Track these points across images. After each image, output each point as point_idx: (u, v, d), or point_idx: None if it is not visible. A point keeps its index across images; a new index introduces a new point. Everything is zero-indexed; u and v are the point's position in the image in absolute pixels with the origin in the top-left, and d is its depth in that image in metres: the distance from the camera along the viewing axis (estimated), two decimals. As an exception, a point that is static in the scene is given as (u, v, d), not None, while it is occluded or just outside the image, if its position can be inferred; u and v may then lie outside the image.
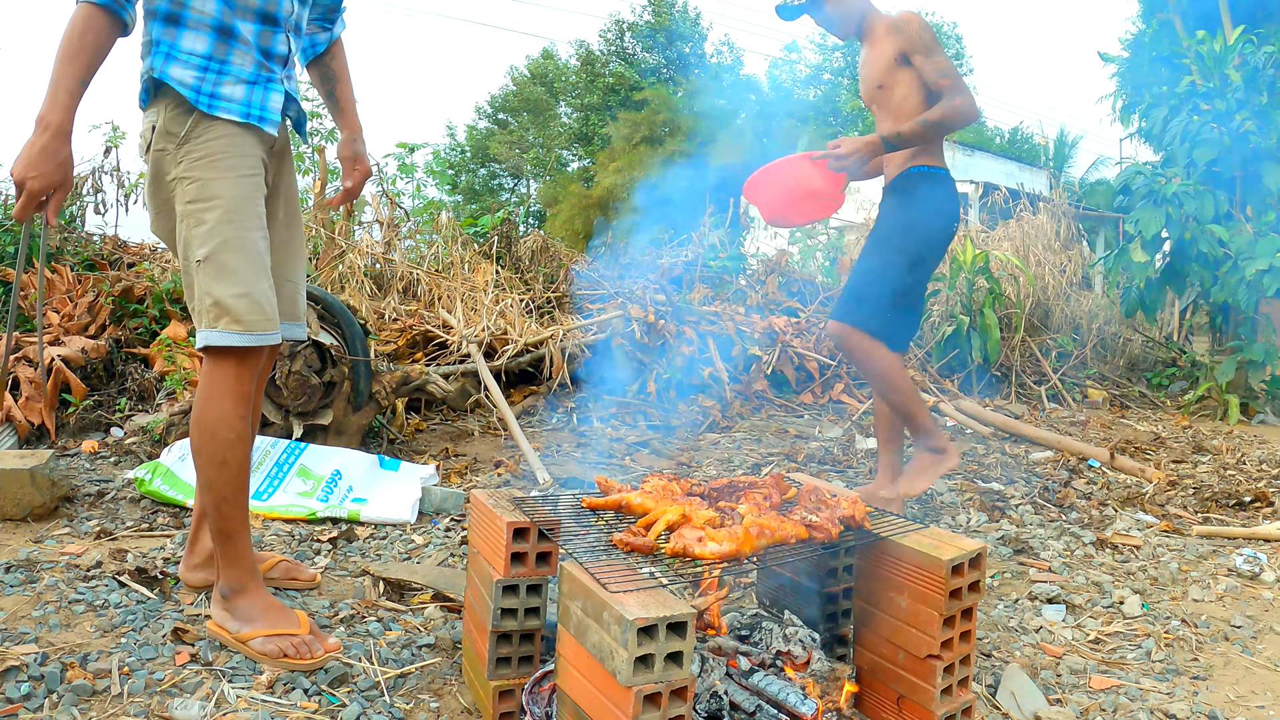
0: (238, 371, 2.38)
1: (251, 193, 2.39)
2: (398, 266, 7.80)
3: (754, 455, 5.58)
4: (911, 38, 3.71)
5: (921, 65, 3.72)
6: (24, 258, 3.34)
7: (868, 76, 3.88)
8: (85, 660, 2.33)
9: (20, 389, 5.13)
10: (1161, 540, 4.05)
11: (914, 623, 2.11)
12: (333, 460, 4.17)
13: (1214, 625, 3.09)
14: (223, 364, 2.37)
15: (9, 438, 4.83)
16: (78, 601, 2.72)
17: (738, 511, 2.04)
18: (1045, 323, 10.28)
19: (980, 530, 4.06)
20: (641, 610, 1.61)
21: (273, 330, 2.39)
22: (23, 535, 3.43)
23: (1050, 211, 11.77)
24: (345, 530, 3.64)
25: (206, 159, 2.33)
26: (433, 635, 2.66)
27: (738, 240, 11.30)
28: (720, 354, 7.52)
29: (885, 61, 3.78)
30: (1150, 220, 8.82)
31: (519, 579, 2.13)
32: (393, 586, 3.04)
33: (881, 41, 3.80)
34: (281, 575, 2.92)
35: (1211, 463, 5.89)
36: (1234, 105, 9.01)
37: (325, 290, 5.47)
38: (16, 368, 5.31)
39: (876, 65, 3.82)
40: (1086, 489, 4.98)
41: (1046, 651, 2.83)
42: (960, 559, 2.06)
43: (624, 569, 1.82)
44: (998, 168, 23.13)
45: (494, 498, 2.32)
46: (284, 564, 2.95)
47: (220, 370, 2.37)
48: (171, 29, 2.33)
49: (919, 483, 3.75)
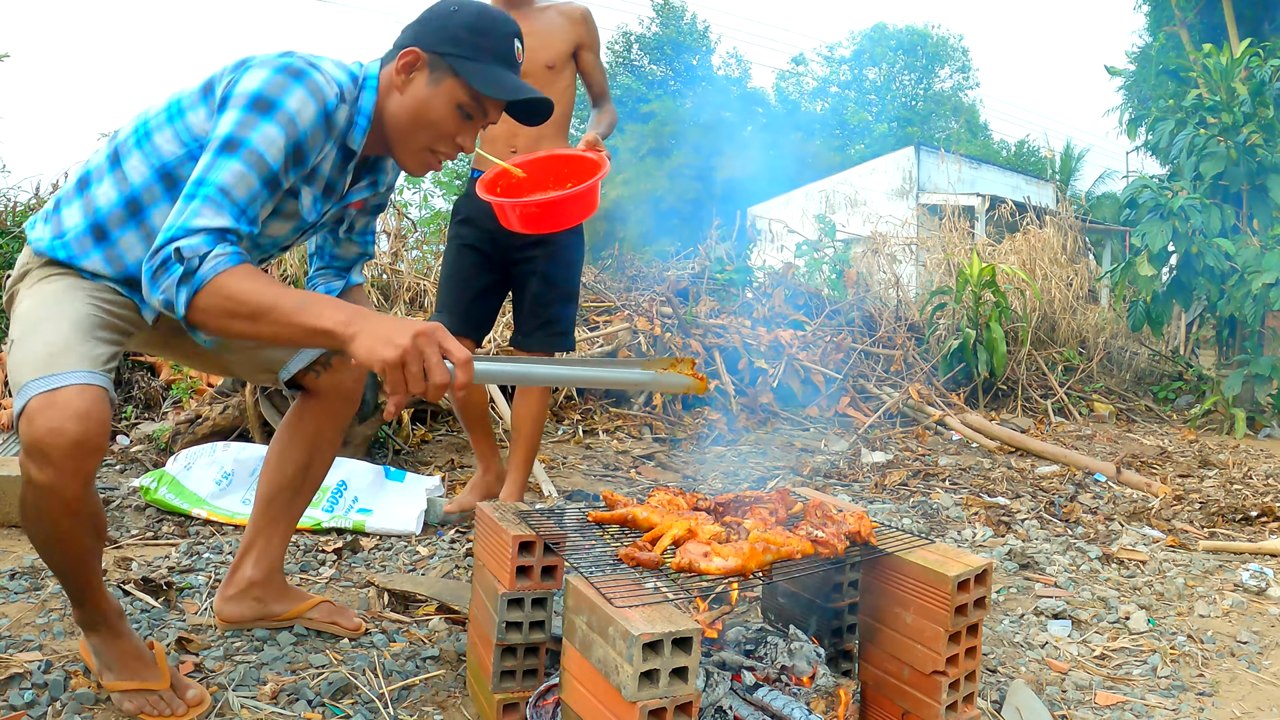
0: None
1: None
2: (404, 277, 7.81)
3: (760, 468, 5.58)
4: (593, 34, 3.72)
5: (593, 65, 3.74)
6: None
7: (540, 52, 3.60)
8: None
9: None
10: (1167, 555, 4.04)
11: (919, 638, 2.11)
12: (338, 470, 4.17)
13: (1220, 641, 3.08)
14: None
15: (15, 445, 4.84)
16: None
17: (743, 527, 2.04)
18: (1051, 336, 10.29)
19: (986, 545, 4.05)
20: (647, 625, 1.61)
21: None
22: (27, 542, 3.43)
23: (1057, 225, 11.79)
24: (350, 541, 3.64)
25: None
26: (437, 647, 2.66)
27: (744, 253, 11.31)
28: (726, 367, 7.53)
29: (564, 45, 3.66)
30: (1157, 234, 8.82)
31: (524, 593, 2.13)
32: (397, 598, 3.04)
33: (558, 21, 3.67)
34: (321, 617, 2.73)
35: (1218, 477, 5.88)
36: (1240, 119, 9.00)
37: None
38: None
39: (553, 45, 3.64)
40: (1092, 504, 4.97)
41: (1052, 667, 2.82)
42: (966, 575, 2.06)
43: (630, 584, 1.82)
44: (1004, 181, 23.09)
45: (499, 511, 2.32)
46: (325, 605, 2.75)
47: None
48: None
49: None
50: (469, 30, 2.12)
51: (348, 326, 1.77)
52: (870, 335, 9.26)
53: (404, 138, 2.19)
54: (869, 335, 9.25)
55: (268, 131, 1.95)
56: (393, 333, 1.75)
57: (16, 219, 7.06)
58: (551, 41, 3.64)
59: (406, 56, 2.12)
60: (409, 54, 2.12)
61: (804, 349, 8.21)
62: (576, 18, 3.70)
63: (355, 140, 2.19)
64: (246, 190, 1.92)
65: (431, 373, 1.75)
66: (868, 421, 7.29)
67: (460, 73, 2.10)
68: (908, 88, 50.42)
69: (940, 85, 50.68)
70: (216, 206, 1.87)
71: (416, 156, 2.22)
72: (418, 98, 2.13)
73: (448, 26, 2.13)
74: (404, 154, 2.23)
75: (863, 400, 8.09)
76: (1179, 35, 13.91)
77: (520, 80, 2.20)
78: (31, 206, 7.59)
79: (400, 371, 1.74)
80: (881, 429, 7.26)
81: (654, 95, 39.24)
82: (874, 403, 8.06)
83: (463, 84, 2.11)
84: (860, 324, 9.38)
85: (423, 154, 2.21)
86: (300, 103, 2.00)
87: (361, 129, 2.18)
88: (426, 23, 2.16)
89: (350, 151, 2.22)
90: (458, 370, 1.77)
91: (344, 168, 2.25)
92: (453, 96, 2.12)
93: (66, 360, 1.88)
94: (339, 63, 2.19)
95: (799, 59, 51.77)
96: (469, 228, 3.78)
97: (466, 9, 2.15)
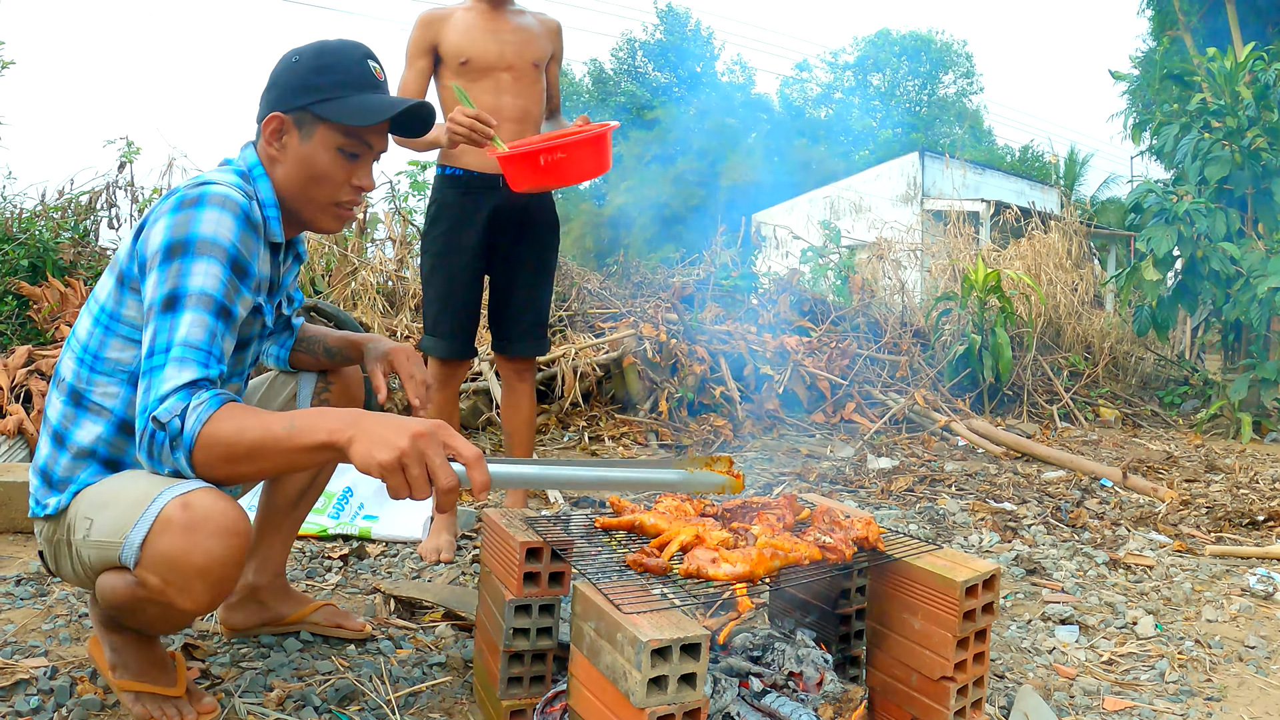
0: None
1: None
2: (410, 284, 7.83)
3: (766, 475, 5.58)
4: (561, 48, 3.78)
5: (556, 78, 3.75)
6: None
7: (527, 49, 3.60)
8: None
9: (33, 402, 5.16)
10: (1175, 560, 4.03)
11: (927, 644, 2.11)
12: (344, 476, 4.18)
13: (1228, 646, 3.08)
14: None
15: (20, 450, 4.85)
16: (88, 615, 2.72)
17: (751, 533, 2.04)
18: (1057, 341, 10.29)
19: (993, 551, 4.04)
20: (655, 632, 1.61)
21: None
22: (33, 548, 3.44)
23: (1062, 230, 11.79)
24: (356, 547, 3.65)
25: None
26: (444, 654, 2.66)
27: (749, 259, 11.32)
28: (732, 373, 7.53)
29: (546, 48, 3.67)
30: (1162, 238, 8.81)
31: (532, 599, 2.13)
32: (404, 604, 3.04)
33: (539, 27, 3.67)
34: (325, 621, 2.72)
35: (1224, 482, 5.87)
36: (1245, 123, 9.00)
37: (337, 307, 5.49)
38: (29, 381, 5.34)
39: (539, 46, 3.64)
40: (1099, 509, 4.97)
41: (1060, 673, 2.81)
42: (974, 580, 2.05)
43: (637, 590, 1.82)
44: (1009, 186, 23.09)
45: (507, 517, 2.32)
46: (327, 609, 2.74)
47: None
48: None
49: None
50: (315, 71, 2.07)
51: (343, 433, 1.67)
52: (875, 341, 9.27)
53: (305, 202, 2.13)
54: (874, 341, 9.26)
55: (197, 268, 1.85)
56: (389, 434, 1.63)
57: (23, 225, 7.08)
58: (538, 42, 3.63)
59: (271, 124, 2.07)
60: (272, 120, 2.07)
61: (809, 355, 8.21)
62: (554, 29, 3.73)
63: (274, 233, 2.11)
64: (204, 333, 1.81)
65: (437, 476, 1.63)
66: (873, 427, 7.29)
67: (326, 116, 2.05)
68: (912, 93, 50.45)
69: (944, 91, 50.70)
70: (179, 364, 1.77)
71: (325, 214, 2.16)
72: (299, 159, 2.08)
73: (295, 78, 2.07)
74: (312, 216, 2.17)
75: (868, 406, 8.08)
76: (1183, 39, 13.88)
77: (388, 97, 2.15)
78: (37, 213, 7.62)
79: (400, 475, 1.62)
80: (887, 435, 7.26)
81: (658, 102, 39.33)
82: (879, 409, 8.06)
83: (332, 126, 2.06)
84: (865, 330, 9.39)
85: (329, 209, 2.15)
86: (215, 222, 1.89)
87: (275, 219, 2.11)
88: (275, 84, 2.10)
89: (275, 245, 2.16)
90: (470, 471, 1.66)
91: (275, 260, 2.19)
92: (329, 142, 2.07)
93: (175, 483, 1.81)
94: (218, 169, 2.11)
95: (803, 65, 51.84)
96: (454, 235, 3.61)
97: (305, 53, 2.10)
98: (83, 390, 2.02)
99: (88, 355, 2.02)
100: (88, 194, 8.22)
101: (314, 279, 7.74)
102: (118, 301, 2.00)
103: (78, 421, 2.03)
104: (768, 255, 13.28)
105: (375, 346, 2.53)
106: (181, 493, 1.76)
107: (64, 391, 2.05)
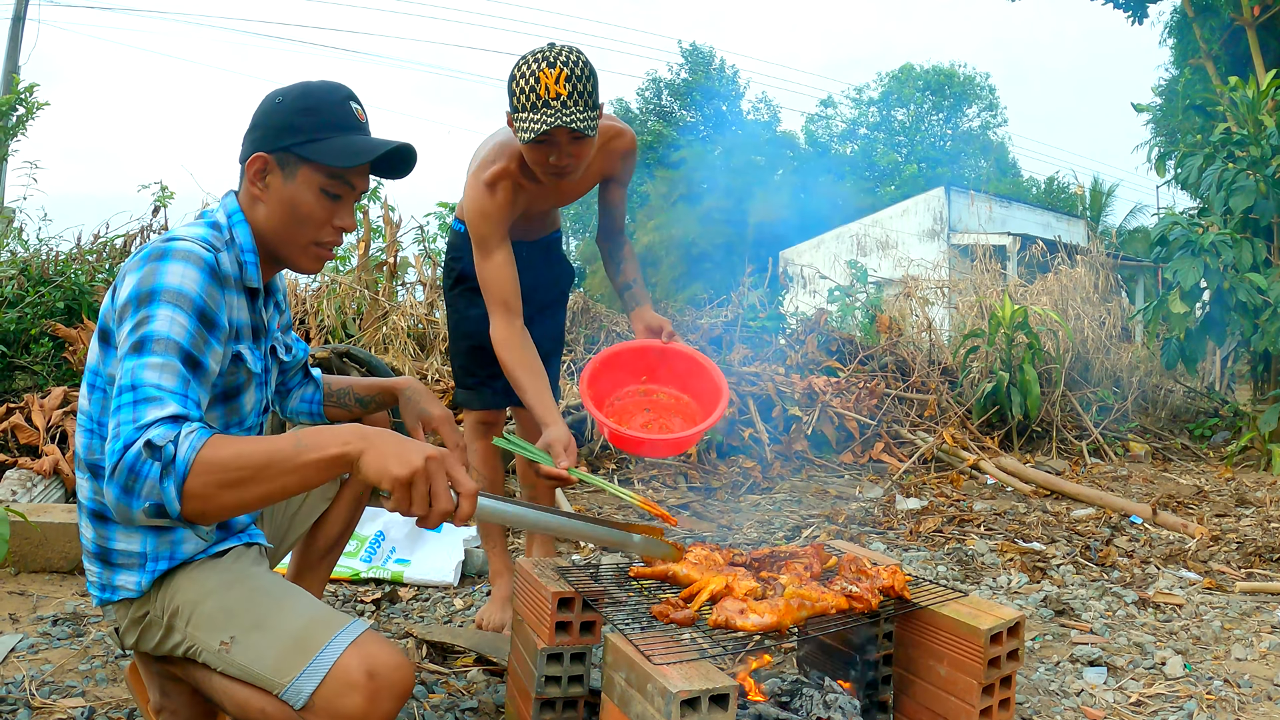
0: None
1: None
2: (440, 328, 7.90)
3: (794, 517, 5.60)
4: (629, 168, 3.38)
5: (619, 198, 3.44)
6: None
7: (575, 189, 3.28)
8: (132, 715, 2.38)
9: (68, 442, 5.26)
10: (1204, 598, 4.03)
11: (953, 691, 2.14)
12: (375, 521, 4.23)
13: (1257, 685, 3.08)
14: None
15: (56, 490, 4.94)
16: (124, 656, 2.78)
17: (779, 582, 2.08)
18: (1085, 376, 10.24)
19: (1021, 591, 4.05)
20: (685, 683, 1.66)
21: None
22: (69, 588, 3.51)
23: (1088, 263, 11.76)
24: (388, 592, 3.70)
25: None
26: (476, 699, 2.70)
27: (777, 299, 11.35)
28: (760, 414, 7.56)
29: (593, 181, 3.34)
30: (1188, 270, 8.78)
31: (564, 648, 2.18)
32: (436, 649, 3.09)
33: (599, 160, 3.24)
34: None
35: (1255, 516, 5.84)
36: (1269, 151, 8.96)
37: (369, 352, 5.57)
38: (65, 421, 5.44)
39: (588, 184, 3.32)
40: (1128, 546, 4.96)
41: (1088, 715, 2.82)
42: (998, 628, 2.09)
43: (667, 640, 1.86)
44: (1034, 219, 23.09)
45: (539, 566, 2.37)
46: None
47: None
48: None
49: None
50: (299, 113, 2.09)
51: (354, 445, 1.69)
52: (903, 380, 9.26)
53: (285, 242, 2.15)
54: (902, 380, 9.25)
55: (162, 315, 1.84)
56: (406, 451, 1.68)
57: (59, 269, 7.22)
58: (588, 181, 3.31)
59: (255, 164, 2.08)
60: (255, 160, 2.08)
61: (837, 395, 8.22)
62: (616, 152, 3.29)
63: (252, 279, 2.14)
64: (174, 376, 1.79)
65: (437, 499, 1.69)
66: (902, 467, 7.29)
67: (309, 157, 2.06)
68: (936, 128, 50.53)
69: (968, 124, 50.75)
70: (156, 402, 1.72)
71: (305, 254, 2.18)
72: (281, 199, 2.09)
73: (278, 119, 2.09)
74: (291, 256, 2.19)
75: (897, 446, 8.08)
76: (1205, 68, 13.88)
77: (372, 139, 2.16)
78: (73, 256, 7.77)
79: (407, 491, 1.67)
80: (916, 474, 7.26)
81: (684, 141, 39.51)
82: (908, 448, 8.05)
83: (316, 167, 2.07)
84: (894, 369, 9.39)
85: (309, 249, 2.17)
86: (180, 274, 1.89)
87: (253, 264, 2.14)
88: (258, 125, 2.12)
89: (253, 290, 2.18)
90: (461, 501, 1.72)
91: (254, 307, 2.21)
92: (312, 183, 2.08)
93: (339, 620, 1.87)
94: (189, 224, 2.13)
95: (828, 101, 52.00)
96: (474, 290, 3.33)
97: (289, 94, 2.13)
98: (98, 461, 2.04)
99: (92, 423, 2.05)
100: (123, 238, 8.40)
101: (345, 323, 7.85)
102: (102, 359, 2.02)
103: (102, 520, 2.05)
104: (795, 294, 13.32)
105: (414, 399, 2.55)
106: (354, 639, 1.82)
107: (84, 469, 2.07)
